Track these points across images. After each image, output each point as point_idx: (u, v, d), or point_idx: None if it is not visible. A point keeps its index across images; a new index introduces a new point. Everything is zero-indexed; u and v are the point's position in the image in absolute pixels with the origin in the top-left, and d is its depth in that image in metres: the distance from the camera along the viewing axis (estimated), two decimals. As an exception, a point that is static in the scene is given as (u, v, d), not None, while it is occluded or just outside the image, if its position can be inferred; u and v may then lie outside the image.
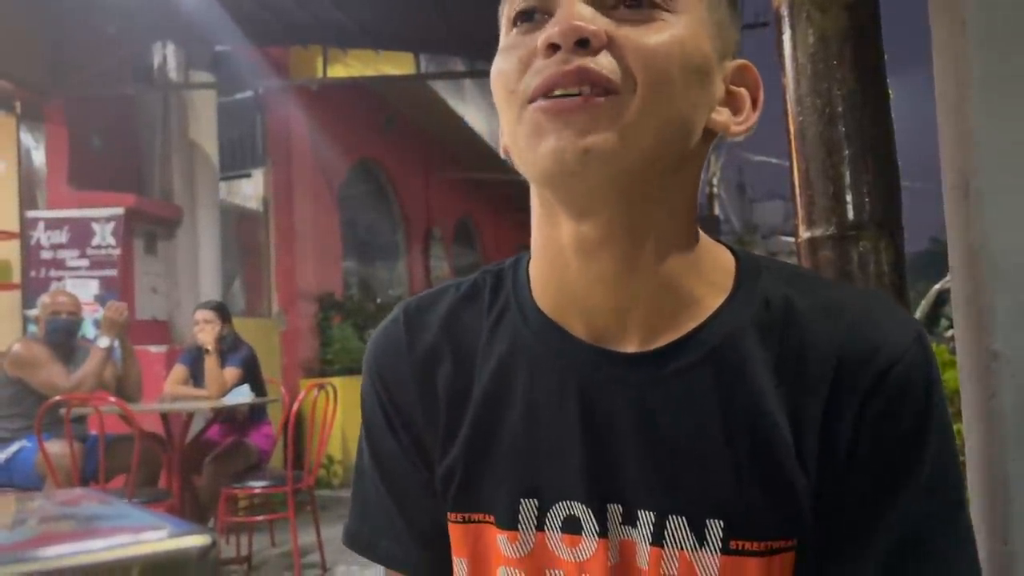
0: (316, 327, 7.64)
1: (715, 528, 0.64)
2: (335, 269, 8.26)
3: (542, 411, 0.69)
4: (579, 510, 0.67)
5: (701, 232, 0.69)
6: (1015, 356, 1.06)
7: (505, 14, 0.66)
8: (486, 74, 0.69)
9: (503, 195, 11.06)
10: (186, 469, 4.09)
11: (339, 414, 4.31)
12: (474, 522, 0.71)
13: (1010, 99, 1.08)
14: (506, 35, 0.66)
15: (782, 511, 0.64)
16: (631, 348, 0.67)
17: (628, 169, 0.60)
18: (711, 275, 0.68)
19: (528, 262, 0.73)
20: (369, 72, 6.76)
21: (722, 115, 0.66)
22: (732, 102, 0.67)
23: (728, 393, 0.65)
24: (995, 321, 1.07)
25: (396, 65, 6.76)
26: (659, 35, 0.60)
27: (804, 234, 1.16)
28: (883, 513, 0.64)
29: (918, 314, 7.11)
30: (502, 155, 0.68)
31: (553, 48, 0.59)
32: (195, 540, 0.36)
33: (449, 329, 0.75)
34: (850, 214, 1.11)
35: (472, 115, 9.50)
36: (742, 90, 0.68)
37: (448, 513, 0.73)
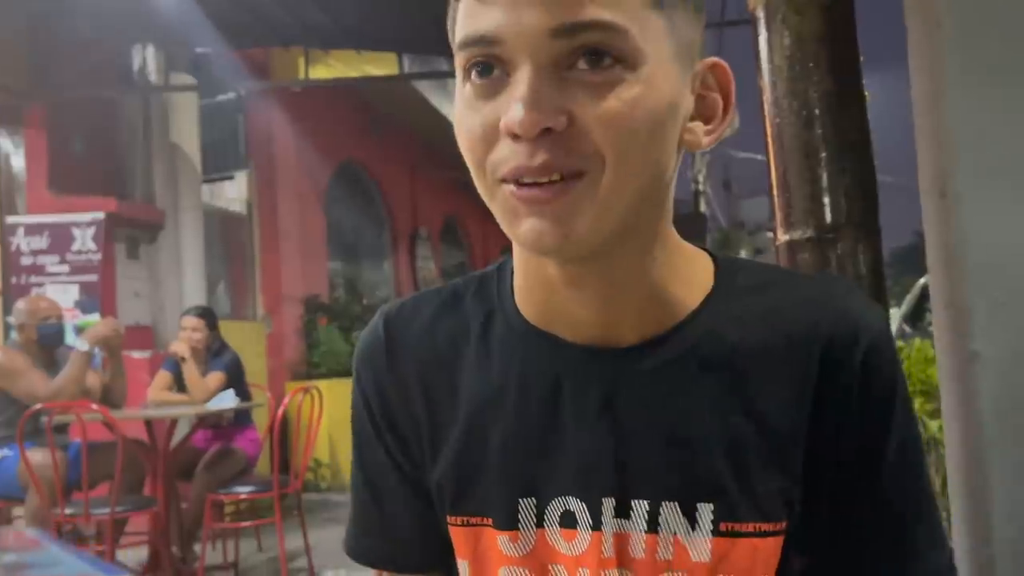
0: (302, 329, 7.60)
1: (706, 511, 0.67)
2: (321, 271, 8.22)
3: (533, 412, 0.70)
4: (574, 505, 0.69)
5: (677, 235, 0.70)
6: (994, 356, 1.06)
7: (457, 55, 0.64)
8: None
9: (488, 194, 11.00)
10: (171, 476, 4.06)
11: (325, 417, 4.28)
12: (473, 525, 0.73)
13: (986, 100, 1.08)
14: (463, 81, 0.63)
15: (771, 494, 0.67)
16: (619, 346, 0.69)
17: (609, 237, 0.62)
18: (691, 278, 0.70)
19: (511, 269, 0.74)
20: (352, 73, 6.72)
21: (692, 132, 0.66)
22: (702, 110, 0.67)
23: (714, 382, 0.68)
24: (974, 322, 1.07)
25: (379, 65, 6.73)
26: (620, 100, 0.58)
27: (783, 237, 1.15)
28: (862, 479, 0.69)
29: (903, 308, 7.14)
30: None
31: (516, 136, 0.58)
32: None
33: (432, 335, 0.75)
34: (828, 216, 1.11)
35: (456, 115, 9.45)
36: (712, 95, 0.67)
37: (447, 516, 0.74)
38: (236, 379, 4.41)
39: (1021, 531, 1.07)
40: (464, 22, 0.62)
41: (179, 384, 4.42)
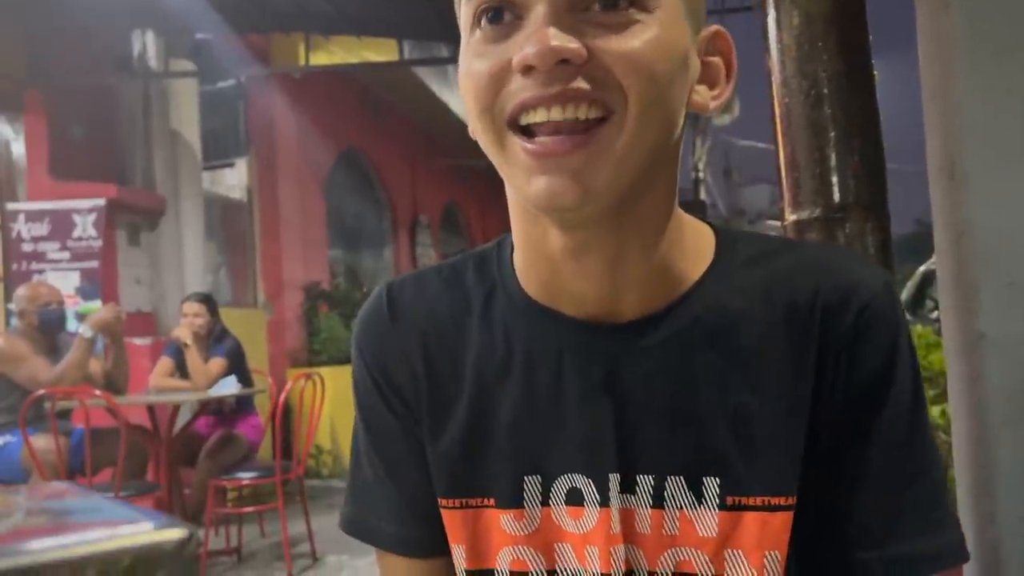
0: (303, 316, 7.60)
1: (712, 485, 0.66)
2: (321, 258, 8.22)
3: (539, 389, 0.70)
4: (581, 482, 0.68)
5: (679, 209, 0.70)
6: (1000, 337, 1.07)
7: (465, 7, 0.62)
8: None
9: (489, 181, 11.03)
10: (174, 461, 4.07)
11: (327, 403, 4.29)
12: (471, 507, 0.71)
13: (994, 82, 1.08)
14: (470, 32, 0.62)
15: (777, 465, 0.66)
16: (622, 321, 0.68)
17: (625, 192, 0.61)
18: (693, 250, 0.70)
19: (511, 245, 0.73)
20: (352, 59, 6.70)
21: (700, 94, 0.66)
22: (707, 75, 0.66)
23: (717, 355, 0.67)
24: (980, 302, 1.07)
25: (379, 52, 6.71)
26: (639, 40, 0.57)
27: (791, 216, 1.15)
28: (856, 446, 0.67)
29: (904, 295, 7.14)
30: (472, 136, 0.67)
31: (530, 68, 0.57)
32: (172, 534, 0.35)
33: (434, 309, 0.74)
34: (836, 196, 1.10)
35: (457, 101, 9.44)
36: (716, 59, 0.67)
37: (441, 499, 0.72)
38: (238, 365, 4.42)
39: (1028, 509, 1.08)
40: None
41: (181, 370, 4.43)
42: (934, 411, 2.51)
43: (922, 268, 6.90)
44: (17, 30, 5.37)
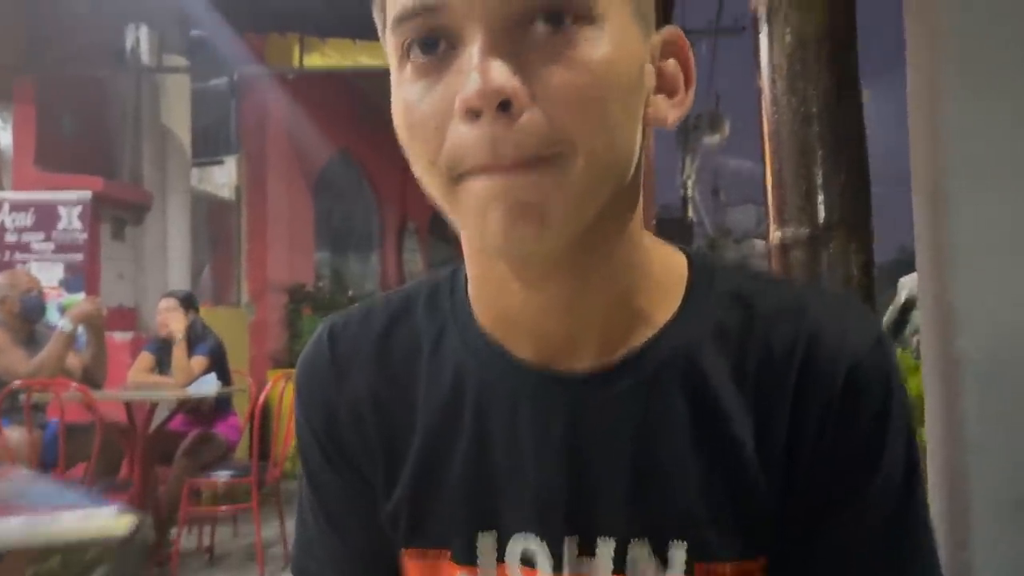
0: (286, 318, 7.57)
1: (678, 550, 0.61)
2: (307, 260, 8.19)
3: (493, 440, 0.64)
4: (535, 543, 0.63)
5: (650, 235, 0.64)
6: (979, 358, 1.07)
7: (392, 37, 0.55)
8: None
9: (478, 191, 10.99)
10: (149, 459, 4.04)
11: (306, 406, 4.25)
12: (430, 558, 0.67)
13: (980, 102, 1.09)
14: (399, 64, 0.55)
15: (749, 528, 0.61)
16: (583, 366, 0.63)
17: (584, 226, 0.55)
18: (663, 283, 0.64)
19: (464, 278, 0.67)
20: (346, 62, 6.68)
21: (657, 106, 0.60)
22: (664, 83, 0.60)
23: (686, 407, 0.61)
24: (960, 322, 1.08)
25: (374, 56, 6.70)
26: (587, 70, 0.52)
27: (775, 234, 1.16)
28: (840, 521, 0.61)
29: (885, 320, 7.19)
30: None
31: (473, 112, 0.51)
32: (117, 520, 0.35)
33: (381, 353, 0.69)
34: (821, 215, 1.11)
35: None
36: (672, 64, 0.61)
37: (402, 548, 0.68)
38: (219, 364, 4.38)
39: (1000, 531, 1.08)
40: None
41: (161, 367, 4.39)
42: (911, 435, 2.52)
43: (904, 294, 6.97)
44: (9, 19, 5.34)
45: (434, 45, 0.53)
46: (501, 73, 0.50)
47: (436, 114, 0.53)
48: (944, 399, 1.12)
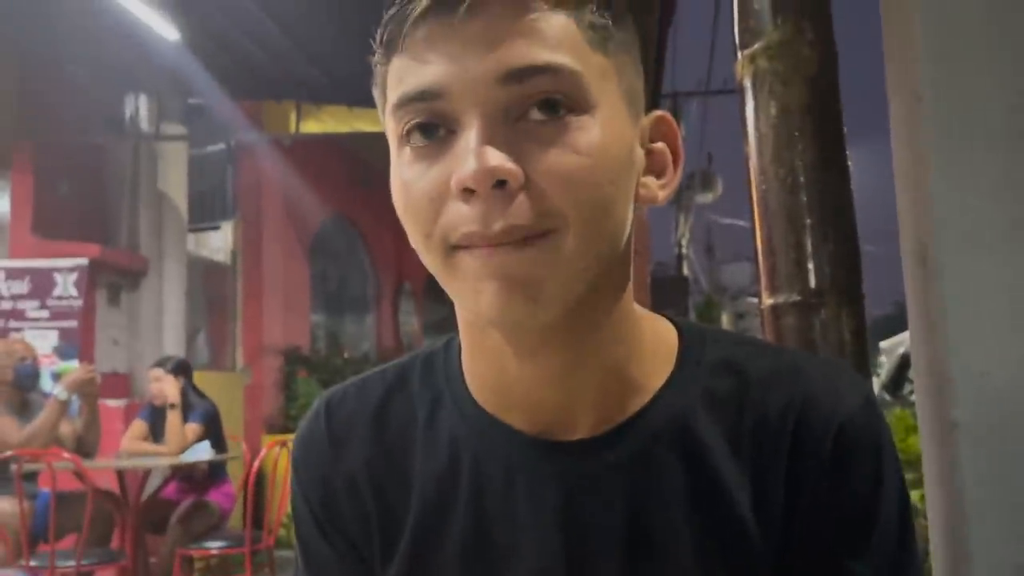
0: (281, 382, 7.53)
1: None
2: (303, 323, 8.18)
3: (489, 512, 0.65)
4: None
5: (639, 306, 0.66)
6: (975, 425, 1.07)
7: (392, 121, 0.58)
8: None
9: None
10: (141, 528, 3.97)
11: (301, 472, 4.20)
12: None
13: (966, 169, 1.11)
14: (399, 147, 0.58)
15: None
16: (577, 435, 0.64)
17: (576, 299, 0.57)
18: (655, 352, 0.65)
19: (458, 348, 0.69)
20: (342, 128, 6.79)
21: (647, 187, 0.62)
22: (652, 164, 0.63)
23: (679, 476, 0.62)
24: (954, 390, 1.07)
25: (369, 122, 6.81)
26: (579, 154, 0.54)
27: (767, 300, 1.17)
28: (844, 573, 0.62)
29: (883, 377, 7.17)
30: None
31: (468, 191, 0.53)
32: None
33: (377, 426, 0.69)
34: (812, 281, 1.12)
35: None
36: (660, 146, 0.63)
37: None
38: (213, 431, 4.35)
39: (1004, 601, 1.07)
40: (399, 82, 0.57)
41: (154, 434, 4.35)
42: (913, 495, 2.50)
43: (901, 350, 6.96)
44: (8, 86, 5.42)
45: (433, 130, 0.56)
46: (496, 156, 0.52)
47: (433, 191, 0.55)
48: (941, 467, 1.11)
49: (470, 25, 0.54)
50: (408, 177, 0.57)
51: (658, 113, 0.64)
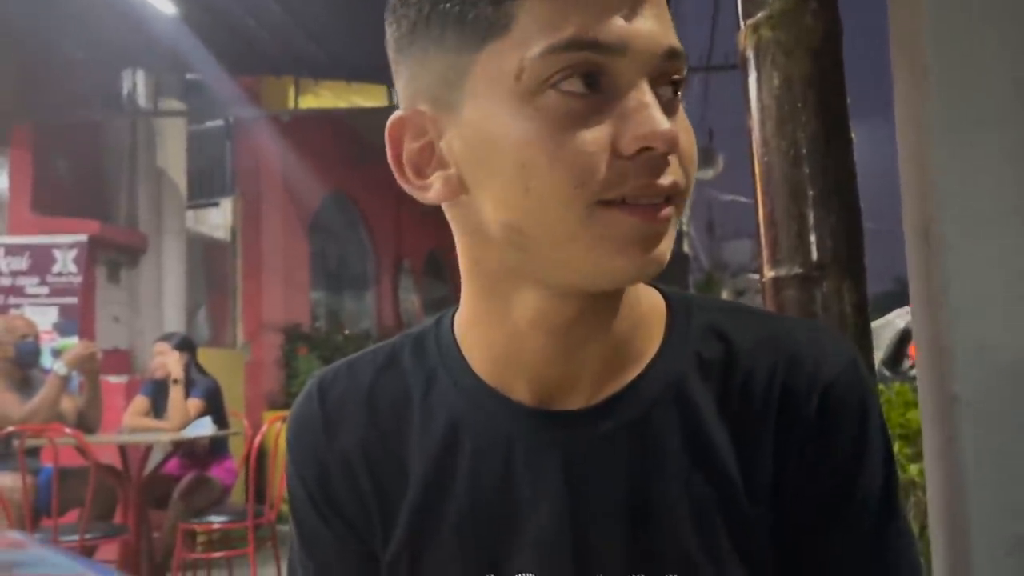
0: (281, 359, 7.55)
1: None
2: (303, 300, 8.19)
3: (488, 483, 0.65)
4: None
5: None
6: (975, 399, 1.07)
7: (539, 65, 0.54)
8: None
9: (473, 229, 11.01)
10: (143, 503, 3.99)
11: (302, 448, 4.22)
12: None
13: (970, 146, 1.10)
14: (537, 91, 0.54)
15: (742, 558, 0.63)
16: (575, 405, 0.65)
17: None
18: (648, 320, 0.67)
19: (451, 324, 0.69)
20: (341, 103, 6.76)
21: None
22: None
23: (675, 441, 0.64)
24: (955, 364, 1.07)
25: (368, 97, 6.78)
26: (689, 128, 0.59)
27: (769, 273, 1.16)
28: (826, 539, 0.63)
29: (882, 353, 7.19)
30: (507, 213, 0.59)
31: (646, 150, 0.54)
32: None
33: (372, 405, 0.70)
34: (814, 254, 1.12)
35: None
36: None
37: None
38: (215, 406, 4.36)
39: (1000, 572, 1.07)
40: (560, 24, 0.54)
41: (156, 410, 4.36)
42: (912, 470, 2.51)
43: (901, 326, 6.97)
44: (7, 64, 5.39)
45: (596, 81, 0.55)
46: (665, 121, 0.54)
47: (602, 142, 0.54)
48: (942, 439, 1.12)
49: None
50: (556, 123, 0.54)
51: None
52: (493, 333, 0.65)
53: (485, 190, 0.58)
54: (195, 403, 4.27)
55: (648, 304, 0.67)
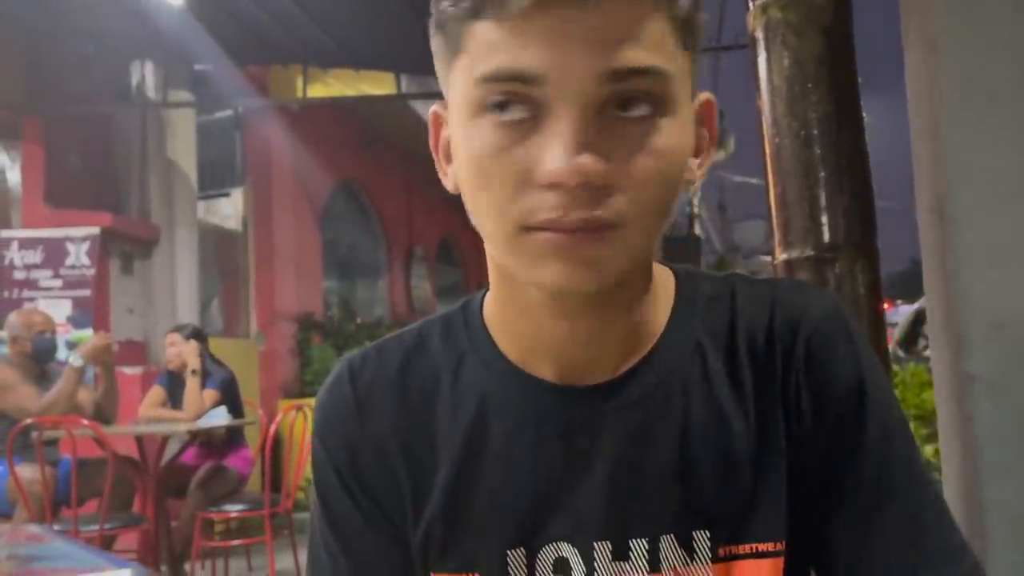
0: (295, 348, 7.58)
1: (702, 538, 0.65)
2: (315, 289, 8.21)
3: (519, 460, 0.68)
4: (567, 551, 0.67)
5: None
6: (990, 378, 1.06)
7: (473, 90, 0.57)
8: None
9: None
10: (161, 493, 4.03)
11: (317, 436, 4.24)
12: None
13: (983, 124, 1.09)
14: (476, 115, 0.57)
15: (764, 509, 0.65)
16: (596, 380, 0.68)
17: (629, 271, 0.61)
18: (661, 297, 0.70)
19: (480, 307, 0.72)
20: (349, 92, 6.75)
21: (690, 169, 0.64)
22: (696, 147, 0.65)
23: (693, 404, 0.67)
24: (970, 343, 1.07)
25: (376, 85, 6.76)
26: (658, 156, 0.56)
27: (781, 255, 1.16)
28: (841, 472, 0.66)
29: (897, 333, 7.14)
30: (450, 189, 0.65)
31: (555, 185, 0.54)
32: None
33: (401, 385, 0.71)
34: (826, 236, 1.11)
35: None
36: (704, 131, 0.66)
37: (431, 572, 0.70)
38: (231, 396, 4.39)
39: (1018, 550, 1.07)
40: (491, 52, 0.55)
41: (172, 401, 4.39)
42: (927, 450, 2.50)
43: (915, 306, 6.92)
44: (15, 59, 5.41)
45: (520, 109, 0.56)
46: (586, 156, 0.54)
47: (517, 173, 0.56)
48: (958, 418, 1.11)
49: (574, 11, 0.53)
50: (486, 149, 0.57)
51: (705, 96, 0.66)
52: (516, 318, 0.68)
53: (463, 192, 0.62)
54: (211, 393, 4.30)
55: (662, 282, 0.70)
